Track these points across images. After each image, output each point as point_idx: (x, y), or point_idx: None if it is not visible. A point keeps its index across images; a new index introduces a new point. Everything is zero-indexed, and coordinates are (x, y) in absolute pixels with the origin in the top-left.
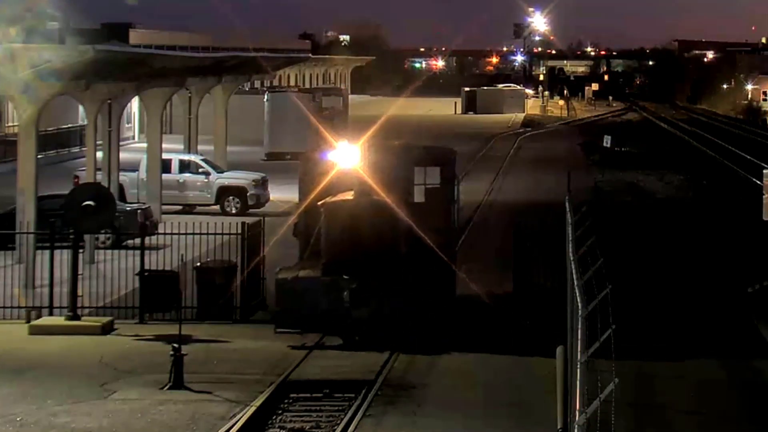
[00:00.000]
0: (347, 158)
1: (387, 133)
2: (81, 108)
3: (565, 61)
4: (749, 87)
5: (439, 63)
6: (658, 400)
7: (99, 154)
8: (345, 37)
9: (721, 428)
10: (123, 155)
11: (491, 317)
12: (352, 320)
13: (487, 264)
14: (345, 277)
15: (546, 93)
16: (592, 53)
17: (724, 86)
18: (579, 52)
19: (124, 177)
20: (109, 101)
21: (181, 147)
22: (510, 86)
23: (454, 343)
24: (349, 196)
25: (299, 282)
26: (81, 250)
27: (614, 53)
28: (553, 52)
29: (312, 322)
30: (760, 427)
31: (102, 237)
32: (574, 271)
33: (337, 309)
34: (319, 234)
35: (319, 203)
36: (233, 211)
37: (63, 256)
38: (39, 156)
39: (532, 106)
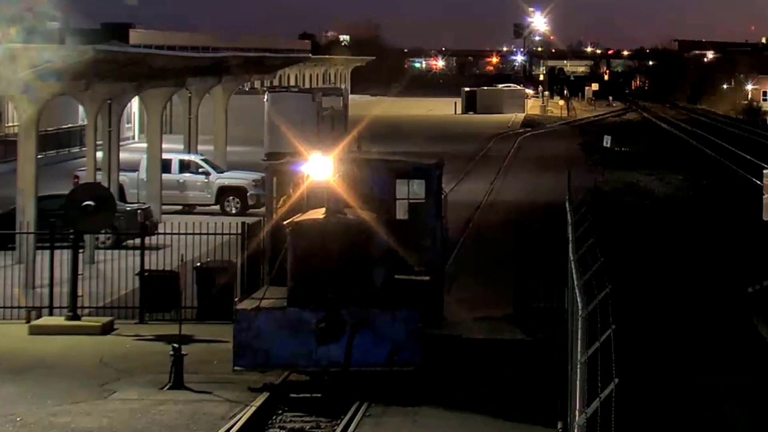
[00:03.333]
0: (322, 170)
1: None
2: (81, 108)
3: (565, 61)
4: (749, 87)
5: (439, 63)
6: (658, 399)
7: (99, 154)
8: (345, 37)
9: (722, 428)
10: (123, 155)
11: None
12: (320, 358)
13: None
14: (313, 308)
15: (546, 93)
16: (592, 53)
17: (724, 86)
18: (579, 52)
19: (124, 177)
20: (109, 101)
21: (181, 147)
22: (510, 86)
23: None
24: (319, 213)
25: (261, 313)
26: (81, 250)
27: (614, 53)
28: (554, 51)
29: (276, 360)
30: (761, 427)
31: (102, 237)
32: (574, 272)
33: (303, 345)
34: (285, 257)
35: (285, 222)
36: (233, 211)
37: (63, 256)
38: (39, 156)
39: (532, 106)
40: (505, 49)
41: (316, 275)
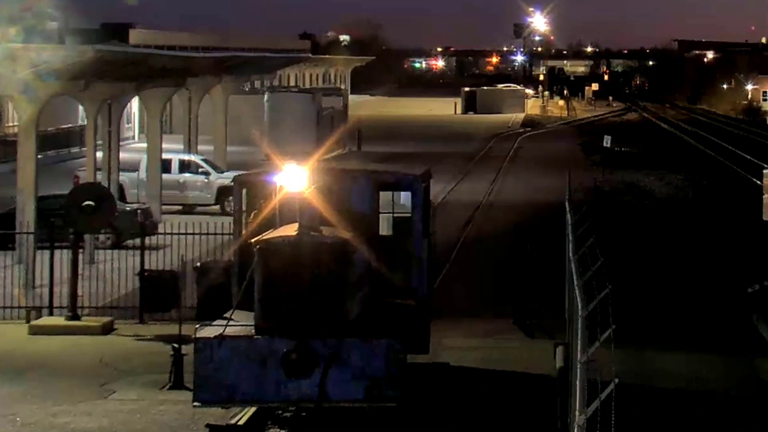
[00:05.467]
0: (296, 181)
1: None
2: (81, 108)
3: (565, 61)
4: (749, 87)
5: (439, 63)
6: (658, 399)
7: (99, 154)
8: (345, 37)
9: (722, 428)
10: (123, 155)
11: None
12: (290, 393)
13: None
14: (282, 337)
15: (546, 93)
16: (592, 53)
17: (724, 86)
18: (579, 52)
19: (124, 177)
20: (109, 101)
21: (181, 147)
22: (510, 86)
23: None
24: (291, 230)
25: (225, 343)
26: (81, 250)
27: (614, 53)
28: (553, 51)
29: (241, 394)
30: (761, 427)
31: (102, 237)
32: (574, 272)
33: (272, 378)
34: (252, 279)
35: (253, 240)
36: None
37: (63, 256)
38: (39, 156)
39: (532, 106)
40: (505, 49)
41: (287, 300)
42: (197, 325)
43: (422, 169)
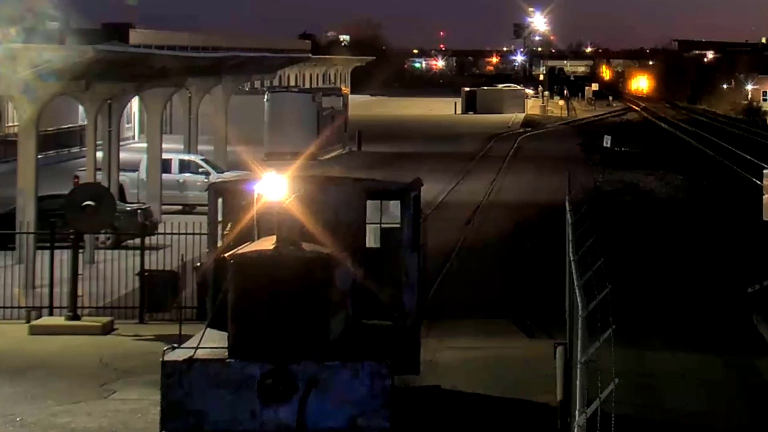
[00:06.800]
0: (275, 190)
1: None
2: (81, 108)
3: (565, 61)
4: (749, 87)
5: (439, 63)
6: (658, 399)
7: (99, 154)
8: (345, 37)
9: (722, 428)
10: (123, 155)
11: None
12: (265, 421)
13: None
14: (258, 360)
15: (546, 93)
16: (592, 53)
17: (724, 86)
18: (579, 52)
19: (124, 177)
20: (109, 101)
21: (181, 147)
22: (510, 86)
23: None
24: (268, 244)
25: (194, 367)
26: (81, 250)
27: (614, 53)
28: (553, 51)
29: (212, 423)
30: (761, 428)
31: (102, 237)
32: (574, 272)
33: (246, 405)
34: (226, 297)
35: (227, 255)
36: None
37: (63, 256)
38: (39, 156)
39: (532, 106)
40: (505, 49)
41: (263, 320)
42: (165, 347)
43: (412, 177)
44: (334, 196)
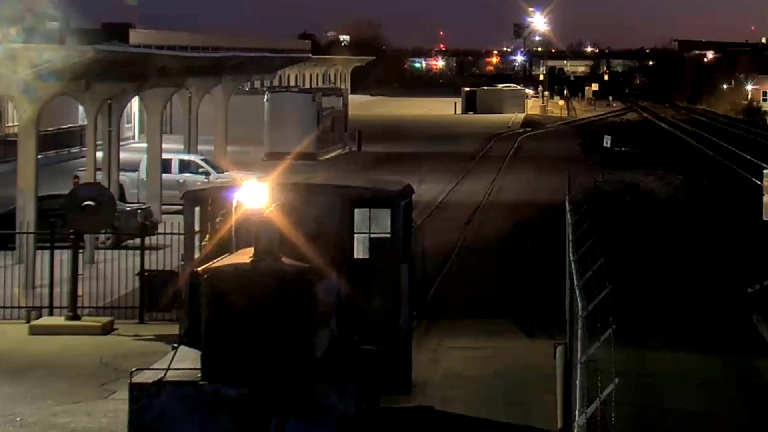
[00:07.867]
0: (255, 198)
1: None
2: (81, 108)
3: (565, 61)
4: (749, 87)
5: (439, 63)
6: (658, 399)
7: (99, 154)
8: (345, 37)
9: (722, 428)
10: (123, 155)
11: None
12: None
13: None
14: (233, 382)
15: (546, 93)
16: (592, 53)
17: (724, 86)
18: (579, 52)
19: (124, 177)
20: (109, 101)
21: (181, 147)
22: (510, 86)
23: None
24: (245, 256)
25: (165, 390)
26: (81, 250)
27: (614, 53)
28: (553, 51)
29: None
30: (761, 428)
31: (102, 237)
32: (574, 272)
33: (221, 431)
34: (199, 314)
35: (201, 269)
36: None
37: (63, 256)
38: (39, 156)
39: (532, 106)
40: (505, 49)
41: (239, 339)
42: (133, 369)
43: (402, 185)
44: (318, 204)
